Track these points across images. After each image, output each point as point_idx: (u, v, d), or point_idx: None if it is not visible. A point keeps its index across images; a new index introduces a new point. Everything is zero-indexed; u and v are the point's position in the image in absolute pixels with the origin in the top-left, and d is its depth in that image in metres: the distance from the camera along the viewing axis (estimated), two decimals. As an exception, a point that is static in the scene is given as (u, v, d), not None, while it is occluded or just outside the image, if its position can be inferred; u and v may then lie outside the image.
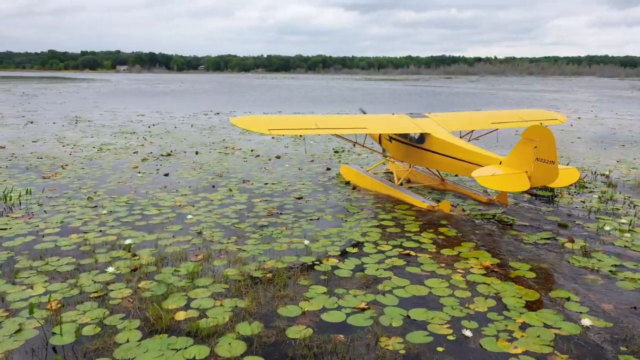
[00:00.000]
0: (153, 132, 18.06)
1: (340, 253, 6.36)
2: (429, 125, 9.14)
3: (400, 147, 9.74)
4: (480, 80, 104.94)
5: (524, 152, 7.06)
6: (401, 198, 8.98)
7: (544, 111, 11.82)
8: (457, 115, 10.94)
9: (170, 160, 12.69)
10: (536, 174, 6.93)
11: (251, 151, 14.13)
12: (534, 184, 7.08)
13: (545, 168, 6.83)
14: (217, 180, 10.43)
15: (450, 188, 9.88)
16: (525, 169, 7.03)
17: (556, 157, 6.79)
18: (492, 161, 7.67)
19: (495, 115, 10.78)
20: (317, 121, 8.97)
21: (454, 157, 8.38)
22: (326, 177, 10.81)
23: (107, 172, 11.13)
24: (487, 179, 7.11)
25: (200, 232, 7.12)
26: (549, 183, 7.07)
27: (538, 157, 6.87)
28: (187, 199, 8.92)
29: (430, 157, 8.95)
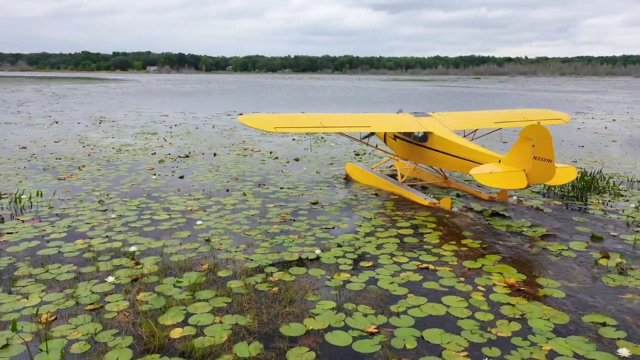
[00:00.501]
0: (174, 133, 17.97)
1: (353, 265, 5.97)
2: (432, 124, 9.29)
3: (404, 145, 9.94)
4: (509, 80, 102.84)
5: (522, 150, 7.21)
6: (403, 195, 9.16)
7: (548, 111, 11.90)
8: (461, 115, 11.03)
9: (188, 162, 12.49)
10: (534, 172, 7.09)
11: (270, 153, 13.84)
12: (532, 182, 7.25)
13: (542, 166, 6.99)
14: (232, 183, 10.15)
15: (453, 186, 9.99)
16: (523, 167, 7.18)
17: (553, 155, 6.92)
18: (492, 159, 7.84)
19: (499, 115, 10.88)
20: (323, 120, 9.04)
21: (455, 156, 8.58)
22: (344, 182, 10.41)
23: (122, 174, 10.97)
24: (485, 177, 7.30)
25: (209, 239, 6.82)
26: (546, 181, 7.24)
27: (535, 156, 7.01)
28: (199, 203, 8.66)
29: (433, 156, 9.15)
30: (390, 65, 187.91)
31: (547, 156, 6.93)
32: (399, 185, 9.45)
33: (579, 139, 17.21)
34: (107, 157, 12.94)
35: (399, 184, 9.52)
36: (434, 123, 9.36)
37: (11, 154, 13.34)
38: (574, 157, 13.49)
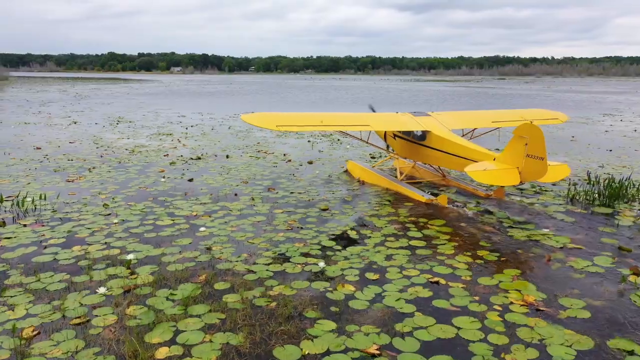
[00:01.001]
0: (189, 134, 17.81)
1: (359, 278, 5.60)
2: (431, 123, 9.51)
3: (403, 144, 10.20)
4: (535, 81, 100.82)
5: (516, 148, 7.46)
6: (402, 192, 9.36)
7: (545, 110, 12.15)
8: (459, 114, 11.23)
9: (199, 164, 12.25)
10: (527, 170, 7.34)
11: (284, 155, 13.53)
12: (525, 179, 7.49)
13: (535, 164, 7.21)
14: (242, 187, 9.86)
15: (452, 184, 10.15)
16: (516, 165, 7.43)
17: (545, 153, 7.12)
18: (487, 157, 8.09)
19: (496, 115, 11.02)
20: (323, 118, 9.30)
21: (452, 154, 8.82)
22: (357, 186, 10.03)
23: (132, 176, 10.79)
24: (479, 174, 7.61)
25: (210, 247, 6.53)
26: (539, 178, 7.41)
27: (528, 154, 7.25)
28: (205, 208, 8.38)
29: (431, 154, 9.39)
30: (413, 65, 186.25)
31: (540, 154, 7.15)
32: (398, 183, 9.63)
33: (607, 143, 16.48)
34: (119, 159, 12.80)
35: (397, 181, 9.73)
36: (432, 122, 9.55)
37: (25, 154, 13.31)
38: (600, 162, 12.85)
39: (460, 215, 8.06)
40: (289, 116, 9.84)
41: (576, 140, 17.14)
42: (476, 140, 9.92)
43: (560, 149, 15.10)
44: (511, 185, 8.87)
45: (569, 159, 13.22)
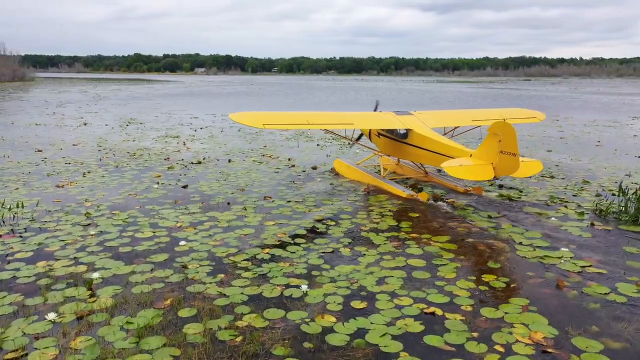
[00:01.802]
0: (196, 137, 17.35)
1: (343, 307, 4.94)
2: (412, 121, 9.80)
3: (387, 142, 10.48)
4: (562, 82, 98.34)
5: (490, 145, 7.79)
6: (384, 188, 9.65)
7: (524, 110, 12.66)
8: (440, 113, 11.59)
9: (198, 169, 11.73)
10: (500, 165, 7.69)
11: (288, 160, 12.92)
12: (499, 174, 7.86)
13: (508, 160, 7.57)
14: (237, 195, 9.28)
15: (433, 180, 10.41)
16: (491, 161, 7.78)
17: (517, 150, 7.49)
18: (464, 154, 8.41)
19: (477, 114, 11.27)
20: (309, 117, 9.48)
21: (431, 151, 9.12)
22: (360, 196, 9.35)
23: (125, 181, 10.31)
24: (455, 169, 7.92)
25: (185, 265, 5.95)
26: (512, 173, 7.81)
27: (502, 150, 7.59)
28: (192, 218, 7.82)
29: (413, 151, 9.70)
30: (437, 66, 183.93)
31: (512, 150, 7.49)
32: (381, 179, 9.95)
33: (636, 148, 15.42)
34: (118, 162, 12.36)
35: (380, 177, 10.02)
36: (414, 121, 9.85)
37: (24, 157, 13.00)
38: (627, 170, 11.89)
39: (469, 231, 7.32)
40: (276, 115, 10.23)
41: (602, 145, 16.12)
42: (460, 138, 10.49)
43: (584, 153, 14.16)
44: (485, 180, 9.10)
45: (594, 166, 12.30)
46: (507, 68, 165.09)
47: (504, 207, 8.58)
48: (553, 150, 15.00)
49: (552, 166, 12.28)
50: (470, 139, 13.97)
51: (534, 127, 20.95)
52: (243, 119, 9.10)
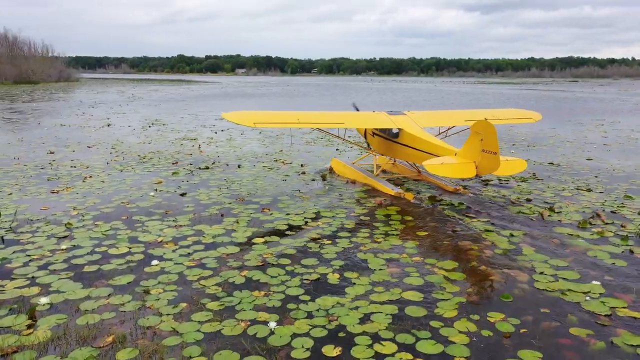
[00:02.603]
0: (214, 139, 16.83)
1: (311, 354, 4.13)
2: (404, 121, 9.97)
3: (381, 141, 10.61)
4: (611, 83, 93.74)
5: (473, 144, 7.90)
6: (374, 186, 9.83)
7: (519, 110, 12.94)
8: (433, 114, 11.82)
9: (204, 174, 11.12)
10: (482, 164, 7.82)
11: (300, 166, 12.15)
12: (481, 173, 8.01)
13: (489, 158, 7.69)
14: (234, 205, 8.59)
15: (427, 179, 10.46)
16: (474, 159, 7.90)
17: (498, 148, 7.60)
18: (449, 152, 8.54)
19: (470, 114, 11.09)
20: (299, 116, 9.58)
21: (420, 150, 9.29)
22: (367, 209, 8.49)
23: (123, 188, 9.80)
24: (436, 167, 8.17)
25: (148, 290, 5.27)
26: (493, 172, 7.92)
27: (484, 149, 7.70)
28: (177, 232, 7.17)
29: (403, 150, 9.85)
30: (479, 67, 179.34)
31: (493, 149, 7.61)
32: (372, 178, 10.09)
33: (690, 158, 13.88)
34: (124, 166, 11.92)
35: (372, 176, 10.18)
36: (405, 121, 10.00)
37: (34, 159, 12.75)
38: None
39: (483, 255, 6.37)
40: (267, 114, 10.26)
41: None
42: (455, 138, 10.64)
43: (628, 163, 12.77)
44: (467, 178, 9.32)
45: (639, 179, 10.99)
46: (554, 69, 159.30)
47: (528, 224, 7.56)
48: (594, 158, 13.68)
49: (590, 177, 11.06)
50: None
51: (575, 132, 19.48)
52: (235, 118, 9.19)
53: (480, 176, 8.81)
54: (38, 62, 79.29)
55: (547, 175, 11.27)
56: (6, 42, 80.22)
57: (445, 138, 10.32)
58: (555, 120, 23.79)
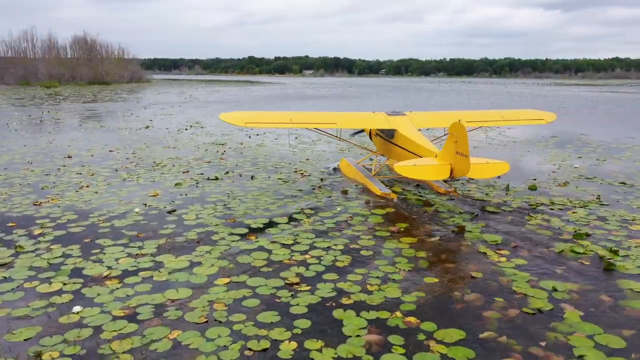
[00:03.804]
0: (243, 145, 15.74)
1: None
2: (400, 122, 9.89)
3: (381, 142, 10.66)
4: None
5: (449, 146, 7.94)
6: (367, 185, 9.79)
7: (530, 111, 12.24)
8: (433, 115, 11.71)
9: (209, 186, 9.97)
10: (457, 166, 7.78)
11: (320, 180, 10.72)
12: (456, 175, 7.95)
13: (462, 161, 7.66)
14: (219, 228, 7.34)
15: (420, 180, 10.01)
16: (450, 161, 7.90)
17: (468, 151, 7.54)
18: (431, 154, 8.56)
19: (473, 115, 11.13)
20: (292, 117, 9.62)
21: (408, 150, 9.27)
22: (376, 240, 6.94)
23: (111, 202, 8.83)
24: (407, 169, 8.12)
25: (39, 354, 4.09)
26: (464, 175, 7.90)
27: (457, 151, 7.70)
28: (133, 262, 6.02)
29: (396, 151, 9.81)
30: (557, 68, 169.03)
31: (464, 151, 7.51)
32: (367, 178, 10.05)
33: None
34: (130, 175, 11.03)
35: (368, 176, 10.16)
36: (401, 121, 9.94)
37: (47, 164, 12.18)
38: None
39: (503, 318, 4.70)
40: (259, 115, 10.63)
41: None
42: None
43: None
44: (440, 180, 9.22)
45: None
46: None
47: (580, 271, 5.74)
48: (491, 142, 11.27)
49: (673, 204, 8.86)
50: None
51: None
52: (229, 119, 9.37)
53: (455, 178, 8.68)
54: (112, 63, 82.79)
55: (616, 199, 9.18)
56: (85, 45, 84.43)
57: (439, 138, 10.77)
58: (635, 128, 20.87)
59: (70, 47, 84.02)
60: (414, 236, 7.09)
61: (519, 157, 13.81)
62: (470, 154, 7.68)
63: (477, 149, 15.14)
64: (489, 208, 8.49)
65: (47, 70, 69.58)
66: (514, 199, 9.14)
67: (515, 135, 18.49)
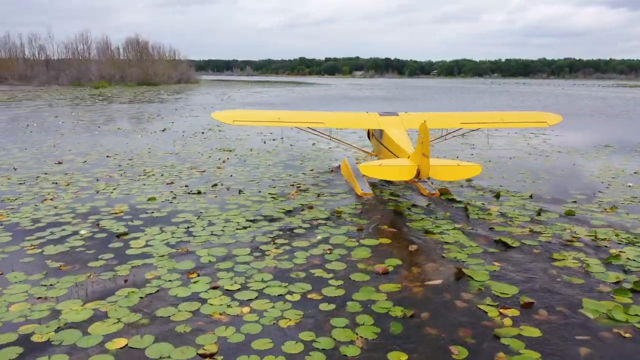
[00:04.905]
0: (252, 152, 14.46)
1: None
2: (388, 122, 9.95)
3: (375, 143, 10.97)
4: None
5: (418, 147, 7.90)
6: (352, 183, 9.77)
7: (531, 113, 12.46)
8: (427, 115, 10.63)
9: (183, 204, 8.69)
10: (422, 168, 7.71)
11: (317, 196, 9.23)
12: (423, 176, 7.89)
13: (425, 162, 7.65)
14: (161, 262, 6.01)
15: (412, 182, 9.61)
16: (417, 162, 7.82)
17: (429, 152, 7.54)
18: (404, 155, 8.57)
19: (471, 116, 11.09)
20: (280, 115, 9.88)
21: (390, 150, 9.46)
22: (348, 284, 5.42)
23: (63, 221, 7.70)
24: (371, 168, 8.22)
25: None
26: (426, 176, 7.93)
27: (423, 152, 7.64)
28: (23, 312, 4.76)
29: (384, 151, 9.95)
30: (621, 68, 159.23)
31: (427, 152, 7.59)
32: (356, 177, 9.80)
33: None
34: (105, 187, 9.93)
35: (358, 175, 9.84)
36: (390, 122, 9.93)
37: (31, 170, 11.32)
38: None
39: None
40: (248, 113, 11.03)
41: None
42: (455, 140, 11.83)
43: None
44: (404, 180, 9.06)
45: None
46: None
47: None
48: None
49: None
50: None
51: None
52: (219, 117, 9.77)
53: (421, 180, 8.67)
54: (162, 64, 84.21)
55: (679, 233, 7.19)
56: (137, 47, 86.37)
57: (444, 141, 11.18)
58: None
59: (124, 48, 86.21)
60: (399, 282, 5.51)
61: (560, 172, 11.79)
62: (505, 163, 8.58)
63: (514, 160, 13.22)
64: (509, 241, 6.76)
65: (98, 71, 71.29)
66: (545, 229, 7.35)
67: (562, 144, 16.32)
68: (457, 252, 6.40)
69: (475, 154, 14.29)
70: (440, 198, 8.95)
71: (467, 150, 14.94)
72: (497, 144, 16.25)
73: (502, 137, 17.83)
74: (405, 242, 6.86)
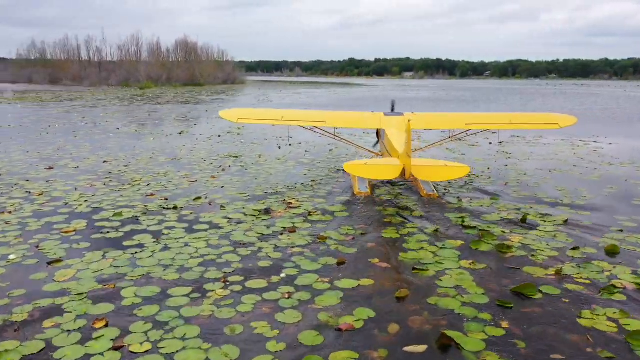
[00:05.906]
0: (260, 158, 13.28)
1: None
2: (390, 122, 9.85)
3: (380, 142, 11.04)
4: None
5: (405, 147, 8.07)
6: (353, 182, 9.55)
7: (542, 114, 12.74)
8: (432, 116, 11.64)
9: (152, 220, 7.58)
10: (407, 167, 7.91)
11: (308, 214, 7.91)
12: (407, 176, 8.07)
13: (408, 161, 7.90)
14: (73, 306, 4.87)
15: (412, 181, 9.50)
16: (404, 162, 7.99)
17: (410, 151, 7.89)
18: (396, 154, 8.53)
19: (477, 117, 10.87)
20: (284, 114, 9.99)
21: (387, 150, 9.59)
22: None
23: (7, 239, 6.72)
24: (356, 167, 8.46)
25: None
26: (408, 176, 8.09)
27: (408, 152, 7.91)
28: None
29: (384, 151, 10.16)
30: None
31: (409, 152, 7.89)
32: (357, 177, 9.44)
33: None
34: (79, 198, 8.97)
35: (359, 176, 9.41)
36: (392, 121, 9.87)
37: (14, 176, 10.56)
38: None
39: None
40: (252, 112, 12.15)
41: None
42: None
43: None
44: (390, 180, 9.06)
45: None
46: None
47: None
48: None
49: None
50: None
51: None
52: (225, 115, 10.24)
53: (407, 179, 8.62)
54: (209, 65, 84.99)
55: None
56: (185, 48, 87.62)
57: (450, 141, 11.18)
58: None
59: (173, 50, 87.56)
60: (356, 349, 4.12)
61: (608, 189, 9.91)
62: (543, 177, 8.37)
63: (554, 173, 11.40)
64: (526, 290, 5.19)
65: (146, 72, 72.48)
66: (580, 271, 5.73)
67: (615, 154, 14.20)
68: (454, 302, 4.93)
69: (510, 164, 12.53)
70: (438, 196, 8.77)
71: (502, 160, 13.17)
72: (538, 152, 14.36)
73: (546, 146, 15.86)
74: (392, 283, 5.44)
